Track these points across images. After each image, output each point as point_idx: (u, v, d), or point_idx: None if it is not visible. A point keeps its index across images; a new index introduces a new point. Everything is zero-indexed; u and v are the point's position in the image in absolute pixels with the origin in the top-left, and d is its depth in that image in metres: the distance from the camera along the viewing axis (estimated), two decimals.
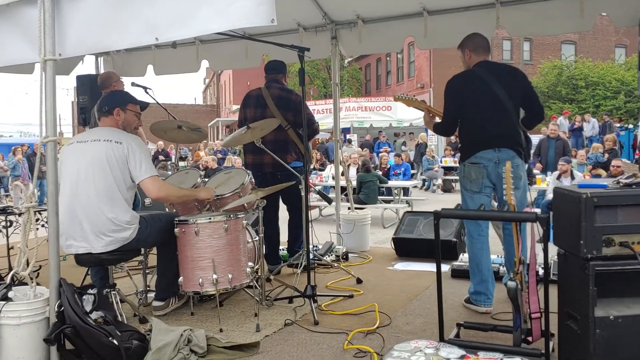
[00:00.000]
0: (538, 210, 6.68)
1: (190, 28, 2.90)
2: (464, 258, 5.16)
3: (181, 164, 18.18)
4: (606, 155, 11.85)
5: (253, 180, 4.67)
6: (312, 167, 15.66)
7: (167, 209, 4.63)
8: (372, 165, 13.93)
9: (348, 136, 21.19)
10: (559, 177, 10.17)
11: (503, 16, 5.24)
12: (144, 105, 3.92)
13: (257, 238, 4.29)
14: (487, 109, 3.87)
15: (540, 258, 2.88)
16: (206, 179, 4.69)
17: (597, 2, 4.86)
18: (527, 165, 4.12)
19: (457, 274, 4.93)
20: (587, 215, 2.56)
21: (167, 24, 2.91)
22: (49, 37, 3.05)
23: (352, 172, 11.53)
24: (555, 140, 11.39)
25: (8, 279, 3.19)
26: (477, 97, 3.90)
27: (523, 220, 2.83)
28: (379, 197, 10.34)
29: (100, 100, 3.78)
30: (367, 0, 5.55)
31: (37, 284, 3.27)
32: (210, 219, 3.77)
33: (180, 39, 3.11)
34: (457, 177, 16.19)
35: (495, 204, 4.08)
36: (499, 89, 3.84)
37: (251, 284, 4.03)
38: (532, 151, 4.14)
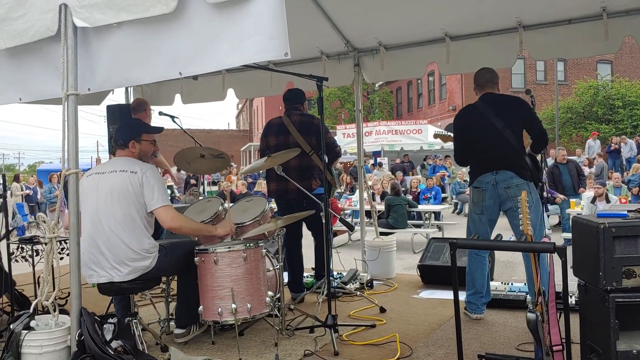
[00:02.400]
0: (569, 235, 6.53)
1: (210, 63, 3.02)
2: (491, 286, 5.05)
3: (214, 188, 18.39)
4: None
5: (272, 208, 4.68)
6: (341, 190, 15.66)
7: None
8: (403, 189, 13.85)
9: (379, 159, 21.15)
10: (593, 201, 9.91)
11: (526, 40, 5.21)
12: (158, 131, 4.00)
13: (277, 266, 4.29)
14: (485, 137, 4.30)
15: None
16: (229, 205, 4.73)
17: (622, 25, 4.79)
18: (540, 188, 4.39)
19: None
20: (606, 246, 2.50)
21: (188, 59, 3.02)
22: (72, 73, 3.16)
23: (377, 199, 11.47)
24: (566, 164, 11.18)
25: (31, 309, 3.27)
26: (477, 128, 4.35)
27: (540, 251, 2.77)
28: (409, 221, 10.24)
29: (115, 132, 3.86)
30: (389, 27, 5.58)
31: (62, 311, 3.34)
32: (229, 247, 3.80)
33: (201, 72, 3.21)
34: None
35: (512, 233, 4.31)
36: (496, 119, 4.24)
37: (271, 313, 4.02)
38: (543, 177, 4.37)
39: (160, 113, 5.84)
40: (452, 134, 4.72)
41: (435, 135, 5.07)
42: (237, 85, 6.68)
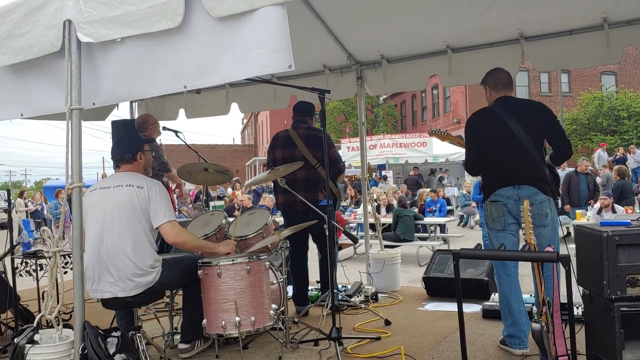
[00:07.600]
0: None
1: (214, 76, 3.00)
2: (495, 298, 5.01)
3: (219, 203, 18.40)
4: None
5: (275, 220, 4.68)
6: (346, 204, 15.65)
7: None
8: (409, 202, 13.78)
9: (384, 172, 21.15)
10: (599, 212, 9.86)
11: (528, 51, 5.21)
12: (150, 141, 4.13)
13: (281, 279, 4.28)
14: (504, 146, 3.82)
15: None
16: (231, 219, 4.73)
17: (624, 35, 4.79)
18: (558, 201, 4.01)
19: (489, 314, 4.79)
20: (610, 255, 2.48)
21: (193, 73, 3.02)
22: (75, 88, 3.18)
23: (382, 211, 11.46)
24: (586, 175, 11.13)
25: (35, 323, 3.26)
26: (494, 134, 3.87)
27: (544, 260, 2.75)
28: (415, 234, 10.19)
29: (117, 148, 3.86)
30: (391, 40, 5.60)
31: (66, 326, 3.33)
32: (232, 260, 3.79)
33: (206, 86, 3.22)
34: None
35: (522, 243, 4.01)
36: (515, 125, 3.77)
37: (276, 326, 4.00)
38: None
39: (164, 128, 5.87)
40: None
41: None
42: (240, 99, 6.71)
